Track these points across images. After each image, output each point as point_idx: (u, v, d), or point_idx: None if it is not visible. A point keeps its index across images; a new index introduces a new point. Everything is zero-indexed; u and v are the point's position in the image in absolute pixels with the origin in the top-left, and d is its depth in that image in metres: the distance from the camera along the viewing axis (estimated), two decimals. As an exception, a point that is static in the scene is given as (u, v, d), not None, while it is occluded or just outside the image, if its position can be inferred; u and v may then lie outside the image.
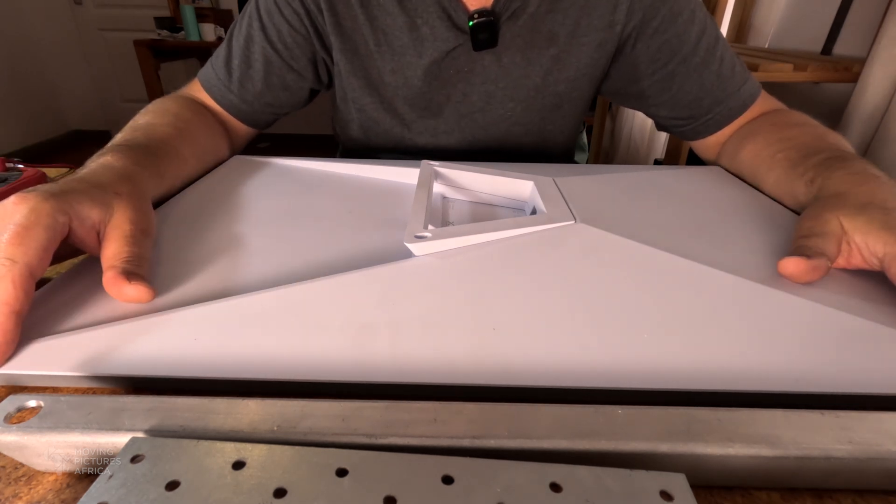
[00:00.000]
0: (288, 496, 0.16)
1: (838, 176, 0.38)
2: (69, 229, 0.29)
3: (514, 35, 0.55)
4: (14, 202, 0.28)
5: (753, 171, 0.49)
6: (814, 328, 0.27)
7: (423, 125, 0.62)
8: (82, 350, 0.25)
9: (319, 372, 0.24)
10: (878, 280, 0.32)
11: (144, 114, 0.50)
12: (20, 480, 0.21)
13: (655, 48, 0.55)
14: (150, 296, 0.29)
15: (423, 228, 0.34)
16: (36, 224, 0.27)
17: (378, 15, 0.55)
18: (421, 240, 0.33)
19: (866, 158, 0.41)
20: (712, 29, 0.55)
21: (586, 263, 0.32)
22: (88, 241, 0.31)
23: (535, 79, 0.58)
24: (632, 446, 0.19)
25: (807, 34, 1.39)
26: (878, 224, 0.31)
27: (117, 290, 0.28)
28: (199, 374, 0.24)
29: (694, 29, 0.54)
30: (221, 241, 0.37)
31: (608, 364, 0.24)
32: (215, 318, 0.27)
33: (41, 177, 0.48)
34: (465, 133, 0.63)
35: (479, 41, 0.54)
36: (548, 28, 0.55)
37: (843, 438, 0.19)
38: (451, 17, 0.54)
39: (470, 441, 0.19)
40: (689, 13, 0.54)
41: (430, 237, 0.33)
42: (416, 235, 0.33)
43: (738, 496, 0.20)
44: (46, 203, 0.28)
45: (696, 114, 0.57)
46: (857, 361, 0.25)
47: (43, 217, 0.27)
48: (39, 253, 0.27)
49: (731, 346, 0.26)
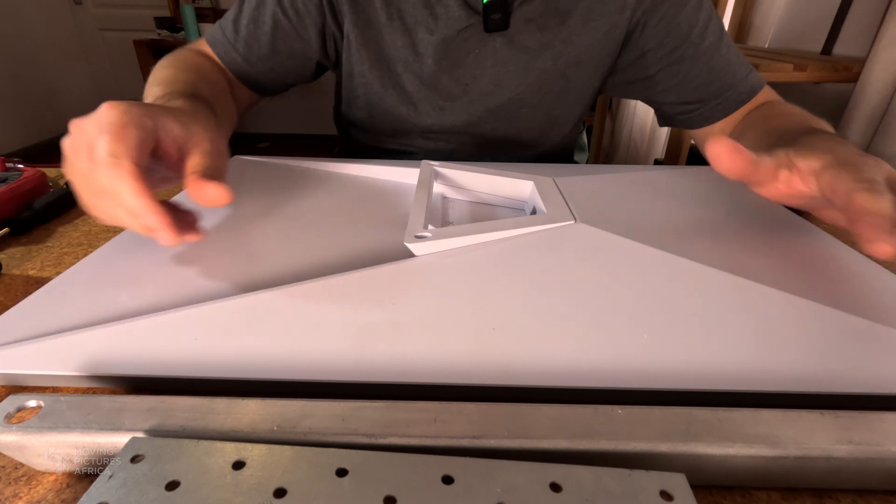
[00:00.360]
0: (288, 496, 0.16)
1: (803, 140, 0.38)
2: (156, 139, 0.31)
3: (527, 18, 0.55)
4: (106, 107, 0.30)
5: None
6: (814, 328, 0.27)
7: (429, 104, 0.62)
8: (82, 350, 0.25)
9: (319, 372, 0.24)
10: (877, 280, 0.32)
11: (172, 67, 0.50)
12: (20, 480, 0.21)
13: (664, 32, 0.56)
14: (229, 198, 0.30)
15: (423, 228, 0.34)
16: (129, 123, 0.29)
17: None
18: (421, 240, 0.33)
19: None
20: (718, 20, 0.56)
21: (586, 263, 0.32)
22: (171, 155, 0.32)
23: (545, 61, 0.58)
24: (632, 446, 0.19)
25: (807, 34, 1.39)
26: (821, 150, 0.32)
27: (198, 192, 0.29)
28: (200, 374, 0.24)
29: (702, 15, 0.55)
30: (221, 241, 0.37)
31: (608, 364, 0.24)
32: (215, 318, 0.27)
33: (41, 177, 0.48)
34: (472, 114, 0.62)
35: (491, 22, 0.54)
36: (561, 11, 0.56)
37: (843, 438, 0.19)
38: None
39: (470, 441, 0.19)
40: (696, 0, 0.55)
41: (431, 237, 0.33)
42: (416, 235, 0.33)
43: (738, 496, 0.20)
44: (136, 107, 0.30)
45: (704, 97, 0.57)
46: (857, 361, 0.25)
47: (135, 118, 0.29)
48: (138, 150, 0.29)
49: (731, 346, 0.26)
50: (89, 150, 0.28)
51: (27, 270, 0.37)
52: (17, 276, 0.36)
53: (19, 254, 0.39)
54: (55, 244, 0.41)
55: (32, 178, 0.47)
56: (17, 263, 0.38)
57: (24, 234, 0.43)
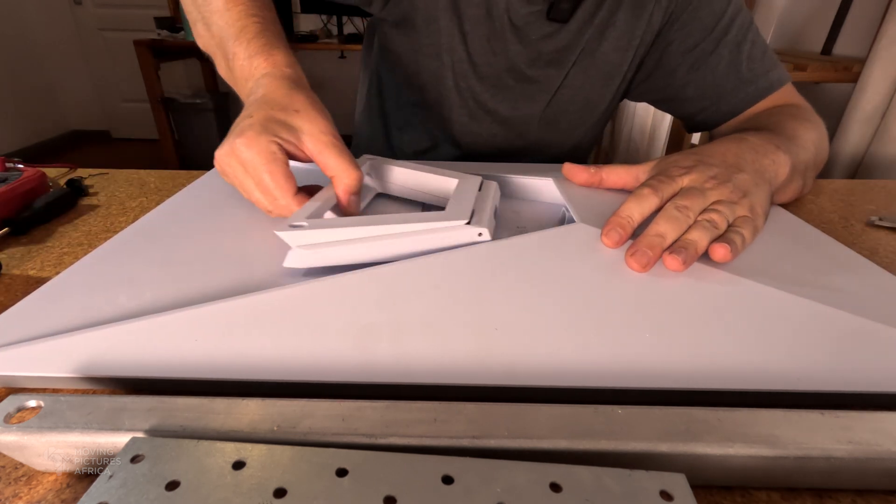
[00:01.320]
0: (288, 496, 0.16)
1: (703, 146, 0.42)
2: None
3: (584, 21, 0.56)
4: (245, 145, 0.35)
5: None
6: (814, 328, 0.27)
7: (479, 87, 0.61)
8: (82, 351, 0.25)
9: (320, 372, 0.24)
10: (877, 280, 0.32)
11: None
12: (20, 480, 0.21)
13: (689, 27, 0.55)
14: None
15: (304, 218, 0.33)
16: (272, 161, 0.35)
17: None
18: (296, 229, 0.32)
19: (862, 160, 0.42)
20: (746, 12, 0.55)
21: (586, 263, 0.32)
22: (297, 155, 0.37)
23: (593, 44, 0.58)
24: (632, 446, 0.19)
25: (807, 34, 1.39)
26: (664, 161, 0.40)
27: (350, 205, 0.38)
28: (200, 374, 0.24)
29: (730, 9, 0.54)
30: (222, 240, 0.37)
31: (608, 364, 0.24)
32: (215, 319, 0.27)
33: (41, 177, 0.48)
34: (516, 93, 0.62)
35: (557, 9, 0.54)
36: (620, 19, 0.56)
37: (843, 438, 0.19)
38: None
39: (470, 441, 0.19)
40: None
41: (307, 227, 0.32)
42: (291, 224, 0.32)
43: (738, 496, 0.20)
44: (269, 143, 0.35)
45: (723, 93, 0.56)
46: (857, 361, 0.25)
47: (277, 154, 0.35)
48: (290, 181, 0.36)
49: (731, 345, 0.26)
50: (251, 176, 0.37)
51: (27, 270, 0.37)
52: (17, 276, 0.36)
53: (19, 254, 0.39)
54: (55, 244, 0.41)
55: (32, 178, 0.47)
56: (17, 263, 0.38)
57: (24, 234, 0.43)
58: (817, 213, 0.48)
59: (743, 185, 0.36)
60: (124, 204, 0.50)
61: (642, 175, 0.42)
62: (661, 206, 0.35)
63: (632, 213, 0.34)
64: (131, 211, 0.48)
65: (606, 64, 0.60)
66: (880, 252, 0.40)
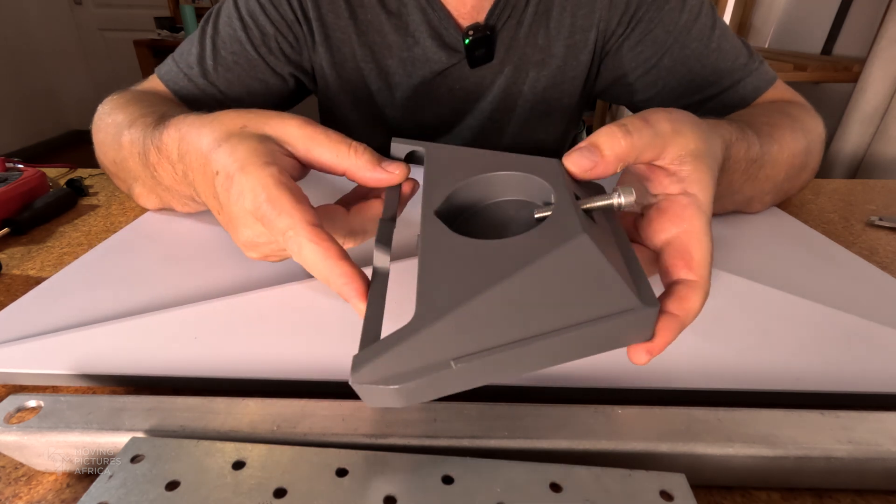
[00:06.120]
0: (288, 496, 0.16)
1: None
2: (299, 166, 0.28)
3: (507, 46, 0.54)
4: (240, 173, 0.25)
5: None
6: (814, 328, 0.27)
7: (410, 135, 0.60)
8: (81, 348, 0.25)
9: (319, 372, 0.24)
10: (877, 280, 0.32)
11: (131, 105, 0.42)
12: (20, 480, 0.21)
13: (638, 41, 0.52)
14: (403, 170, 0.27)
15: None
16: (274, 185, 0.25)
17: (367, 30, 0.53)
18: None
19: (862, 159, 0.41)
20: (707, 17, 0.51)
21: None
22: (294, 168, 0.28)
23: (525, 87, 0.57)
24: (632, 446, 0.19)
25: (807, 34, 1.39)
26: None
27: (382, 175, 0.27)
28: (199, 373, 0.24)
29: (682, 17, 0.50)
30: (221, 240, 0.37)
31: (608, 364, 0.24)
32: (215, 318, 0.27)
33: (41, 177, 0.48)
34: (461, 140, 0.62)
35: (475, 58, 0.53)
36: (540, 34, 0.54)
37: (843, 438, 0.19)
38: (441, 36, 0.53)
39: (470, 441, 0.19)
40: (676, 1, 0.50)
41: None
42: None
43: (738, 496, 0.20)
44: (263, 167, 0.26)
45: (689, 105, 0.52)
46: (857, 361, 0.25)
47: (277, 176, 0.25)
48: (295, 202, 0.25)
49: (731, 345, 0.26)
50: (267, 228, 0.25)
51: (27, 270, 0.37)
52: (17, 276, 0.36)
53: (19, 254, 0.39)
54: (55, 244, 0.41)
55: (32, 178, 0.47)
56: (17, 263, 0.38)
57: (24, 234, 0.43)
58: (817, 213, 0.48)
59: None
60: (124, 204, 0.50)
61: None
62: None
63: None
64: (131, 211, 0.48)
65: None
66: (880, 252, 0.40)
